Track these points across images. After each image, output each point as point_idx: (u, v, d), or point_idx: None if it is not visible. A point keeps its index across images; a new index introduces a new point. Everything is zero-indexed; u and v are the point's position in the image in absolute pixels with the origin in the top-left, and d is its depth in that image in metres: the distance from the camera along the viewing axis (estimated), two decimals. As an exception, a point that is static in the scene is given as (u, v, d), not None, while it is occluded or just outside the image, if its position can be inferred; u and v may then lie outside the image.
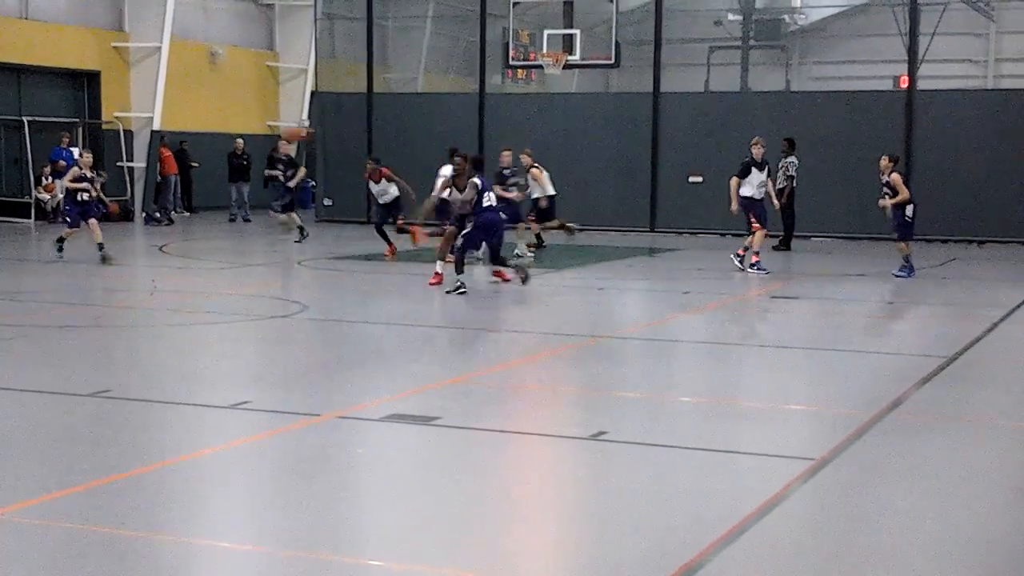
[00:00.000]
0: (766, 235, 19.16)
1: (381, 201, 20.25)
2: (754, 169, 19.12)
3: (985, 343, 12.33)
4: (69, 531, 5.99)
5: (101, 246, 18.70)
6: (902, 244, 18.34)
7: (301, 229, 23.21)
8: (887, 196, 18.28)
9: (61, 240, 19.11)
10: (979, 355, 11.71)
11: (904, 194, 18.12)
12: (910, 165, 25.57)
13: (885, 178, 18.31)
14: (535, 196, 21.10)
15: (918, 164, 25.63)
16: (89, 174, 19.17)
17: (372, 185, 20.21)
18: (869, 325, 14.39)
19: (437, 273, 16.46)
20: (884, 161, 18.36)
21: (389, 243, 20.10)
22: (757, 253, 18.77)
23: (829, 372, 10.96)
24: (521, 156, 21.26)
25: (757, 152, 19.17)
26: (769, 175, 19.61)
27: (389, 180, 19.99)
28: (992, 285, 18.14)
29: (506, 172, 20.56)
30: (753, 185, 19.04)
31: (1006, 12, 44.19)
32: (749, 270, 18.62)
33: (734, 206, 19.07)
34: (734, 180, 19.06)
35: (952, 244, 24.80)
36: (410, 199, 20.03)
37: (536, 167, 21.22)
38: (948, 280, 18.63)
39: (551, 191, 21.29)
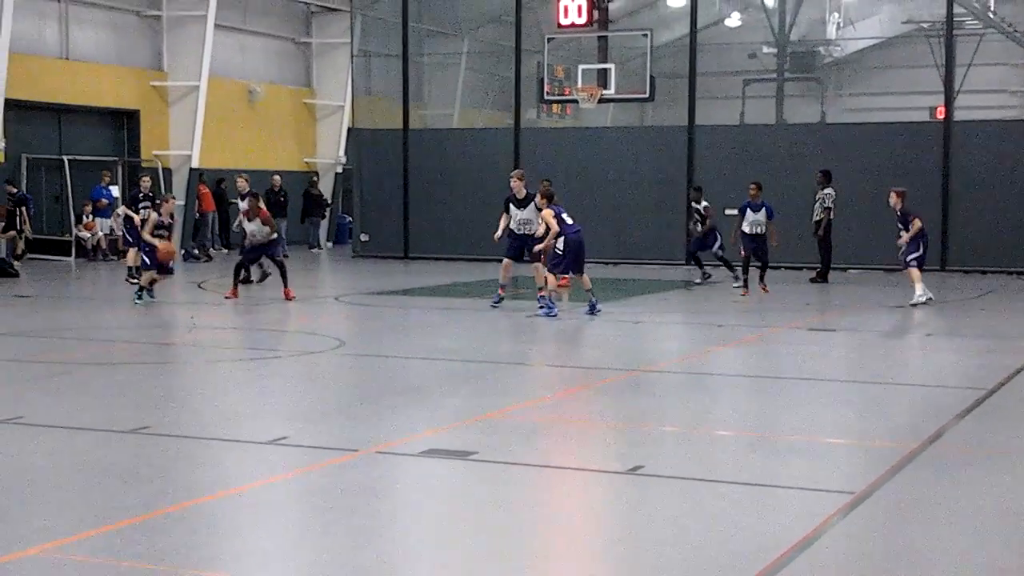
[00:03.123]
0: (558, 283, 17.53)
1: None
2: (511, 206, 17.90)
3: (1025, 375, 12.23)
4: (109, 567, 6.02)
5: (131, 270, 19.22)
6: (554, 280, 16.94)
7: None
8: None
9: (148, 287, 18.41)
10: (1019, 387, 11.61)
11: (553, 228, 16.78)
12: (947, 196, 25.50)
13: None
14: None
15: (955, 195, 25.54)
16: (168, 220, 18.76)
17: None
18: (907, 357, 14.30)
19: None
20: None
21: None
22: (542, 289, 17.36)
23: (868, 405, 10.89)
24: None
25: (514, 185, 17.91)
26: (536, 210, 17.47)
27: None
28: (1032, 316, 18.00)
29: None
30: (515, 221, 17.85)
31: (1043, 42, 44.00)
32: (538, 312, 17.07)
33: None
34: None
35: (990, 275, 24.64)
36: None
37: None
38: (986, 312, 18.50)
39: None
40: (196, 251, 29.11)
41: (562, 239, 16.94)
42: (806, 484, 7.79)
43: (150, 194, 22.26)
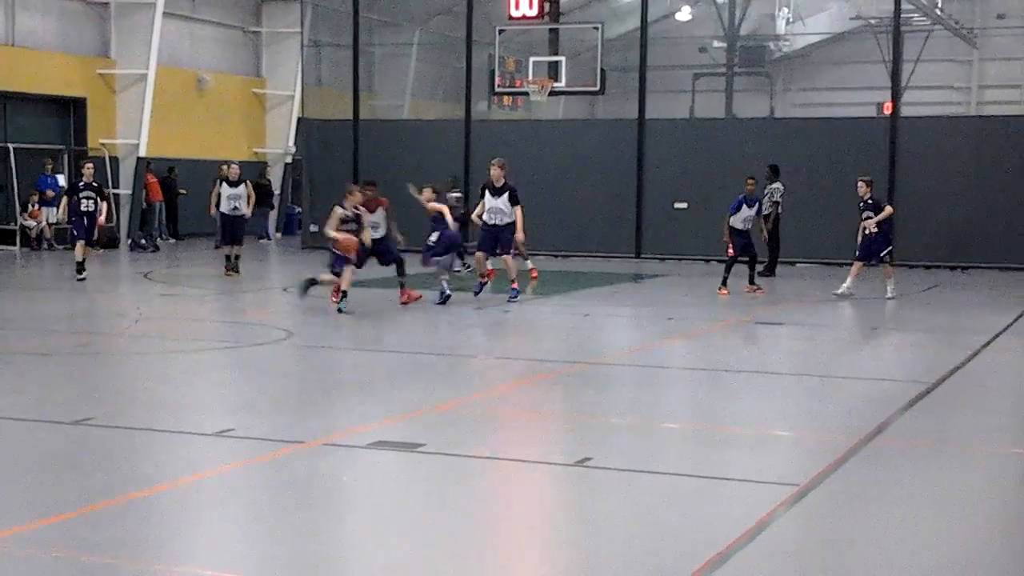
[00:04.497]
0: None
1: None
2: (487, 194, 18.02)
3: (967, 369, 12.38)
4: (54, 560, 5.98)
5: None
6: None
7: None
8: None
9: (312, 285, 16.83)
10: (961, 381, 11.76)
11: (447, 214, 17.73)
12: (893, 191, 25.73)
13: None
14: None
15: (901, 190, 25.76)
16: (353, 212, 16.61)
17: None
18: (853, 351, 14.44)
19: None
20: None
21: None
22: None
23: (814, 398, 10.99)
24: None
25: (494, 173, 17.99)
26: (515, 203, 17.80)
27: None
28: (974, 311, 18.22)
29: None
30: (487, 210, 17.91)
31: (988, 39, 44.59)
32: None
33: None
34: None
35: (935, 270, 24.90)
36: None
37: None
38: (931, 306, 18.71)
39: None
40: (143, 241, 28.88)
41: (436, 234, 17.59)
42: (752, 476, 7.85)
43: (94, 183, 21.05)
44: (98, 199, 21.00)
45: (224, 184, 21.42)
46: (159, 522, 6.76)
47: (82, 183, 20.97)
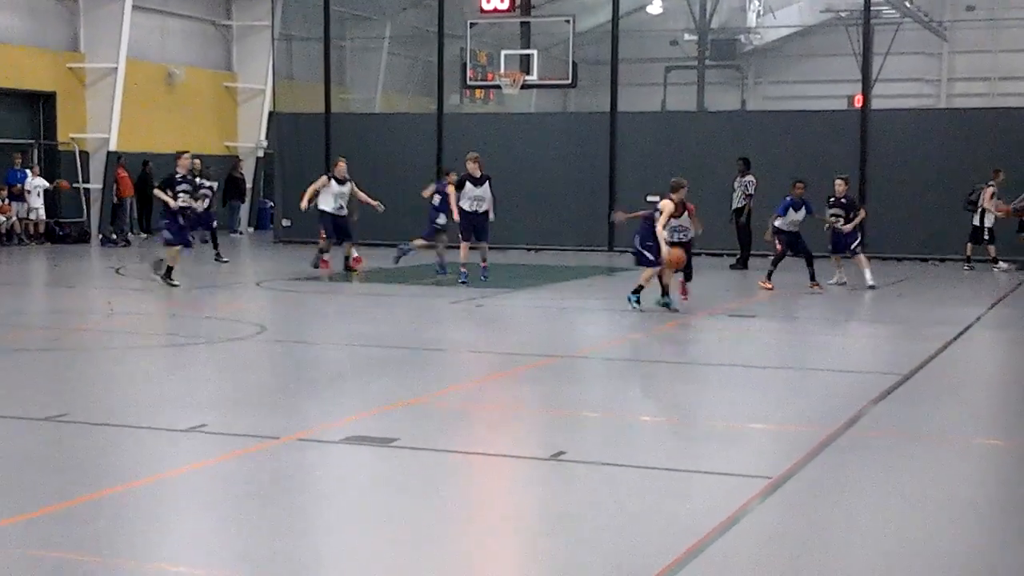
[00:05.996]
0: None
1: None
2: (468, 185, 19.21)
3: (939, 360, 12.45)
4: (26, 557, 5.94)
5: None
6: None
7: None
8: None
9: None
10: (934, 372, 11.82)
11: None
12: (864, 184, 25.85)
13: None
14: None
15: (873, 183, 25.89)
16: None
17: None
18: (826, 343, 14.49)
19: None
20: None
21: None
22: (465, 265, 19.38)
23: (787, 390, 11.03)
24: None
25: (471, 168, 19.31)
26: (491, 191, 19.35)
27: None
28: (946, 303, 18.31)
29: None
30: (469, 198, 19.20)
31: (958, 32, 44.82)
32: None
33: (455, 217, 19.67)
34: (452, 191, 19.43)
35: (906, 262, 25.02)
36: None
37: None
38: (903, 298, 18.79)
39: None
40: (114, 236, 28.72)
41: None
42: (726, 469, 7.87)
43: (189, 176, 19.46)
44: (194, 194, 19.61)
45: (334, 182, 20.84)
46: (132, 519, 6.72)
47: (179, 176, 19.34)
